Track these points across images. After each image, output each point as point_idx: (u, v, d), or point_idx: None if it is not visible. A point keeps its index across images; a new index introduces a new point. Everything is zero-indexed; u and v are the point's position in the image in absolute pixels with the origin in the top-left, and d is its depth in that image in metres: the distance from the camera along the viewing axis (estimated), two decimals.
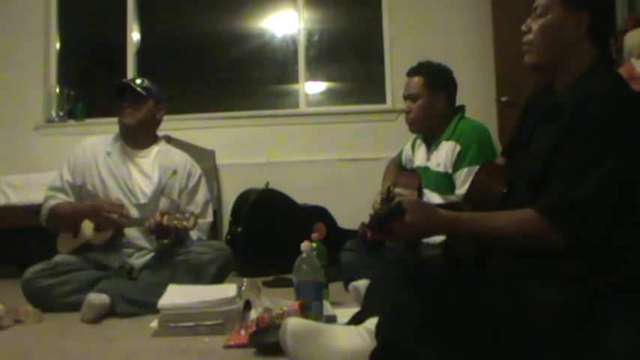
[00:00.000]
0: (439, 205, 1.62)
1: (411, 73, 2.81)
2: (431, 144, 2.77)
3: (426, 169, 2.75)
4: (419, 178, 2.79)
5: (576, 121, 1.39)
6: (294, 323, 1.55)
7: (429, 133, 2.78)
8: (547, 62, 1.53)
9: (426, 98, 2.73)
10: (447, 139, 2.65)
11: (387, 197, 2.66)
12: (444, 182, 2.63)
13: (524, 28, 1.56)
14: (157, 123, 2.91)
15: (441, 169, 2.64)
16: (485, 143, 2.60)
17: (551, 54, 1.52)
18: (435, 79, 2.75)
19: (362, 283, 2.50)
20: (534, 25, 1.54)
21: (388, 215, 1.42)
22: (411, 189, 2.79)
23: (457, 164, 2.59)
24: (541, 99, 1.61)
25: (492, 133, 2.74)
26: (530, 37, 1.55)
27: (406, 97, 2.81)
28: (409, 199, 1.46)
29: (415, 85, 2.76)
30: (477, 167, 2.45)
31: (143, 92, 2.79)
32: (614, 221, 1.36)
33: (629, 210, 1.38)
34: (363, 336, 1.51)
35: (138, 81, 2.85)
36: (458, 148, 2.59)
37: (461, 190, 2.49)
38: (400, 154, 3.06)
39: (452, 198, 2.57)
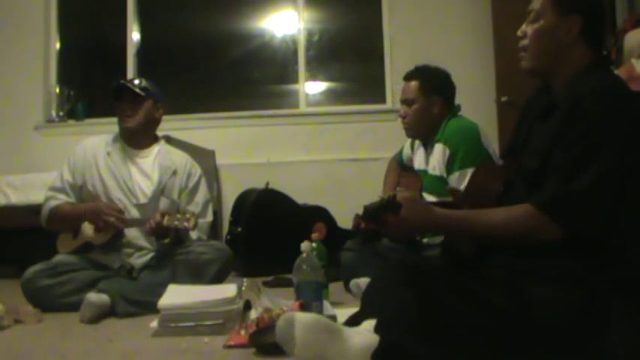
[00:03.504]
0: (435, 203, 1.62)
1: (408, 77, 2.78)
2: (427, 147, 2.76)
3: (425, 172, 2.74)
4: (421, 179, 2.79)
5: (573, 117, 1.40)
6: (304, 316, 1.42)
7: (426, 137, 2.77)
8: (542, 67, 1.55)
9: (421, 103, 2.70)
10: (438, 141, 2.64)
11: None
12: (442, 185, 2.62)
13: (519, 33, 1.57)
14: (157, 123, 2.91)
15: (437, 172, 2.64)
16: (472, 143, 2.57)
17: (545, 59, 1.53)
18: (431, 84, 2.72)
19: (363, 281, 2.51)
20: (529, 30, 1.54)
21: (382, 207, 1.43)
22: (413, 190, 2.78)
23: (449, 168, 2.57)
24: (538, 100, 1.61)
25: (492, 133, 2.74)
26: (525, 42, 1.55)
27: (402, 102, 2.79)
28: (404, 195, 1.46)
29: (411, 90, 2.74)
30: (469, 169, 2.46)
31: (141, 93, 2.78)
32: (612, 220, 1.37)
33: (627, 209, 1.38)
34: (370, 334, 1.47)
35: (136, 82, 2.85)
36: (447, 151, 2.58)
37: None
38: (400, 152, 3.05)
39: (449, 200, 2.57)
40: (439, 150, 2.62)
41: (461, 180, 2.48)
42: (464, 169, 2.50)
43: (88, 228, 2.67)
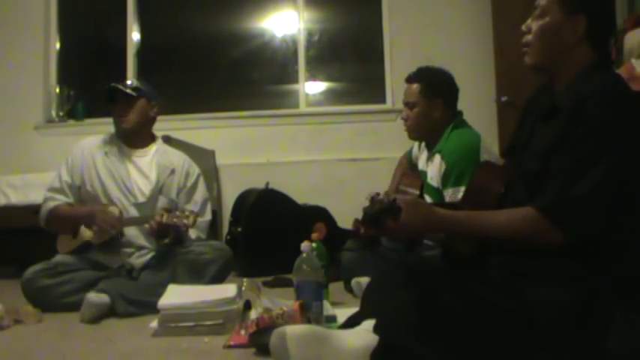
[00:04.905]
0: (437, 204, 1.62)
1: (410, 79, 2.75)
2: (430, 150, 2.74)
3: (425, 175, 2.73)
4: (422, 179, 2.78)
5: (575, 119, 1.39)
6: (295, 328, 1.41)
7: (428, 140, 2.75)
8: (545, 64, 1.54)
9: (422, 106, 2.67)
10: (439, 152, 2.60)
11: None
12: (438, 196, 2.60)
13: (524, 28, 1.56)
14: (152, 121, 2.91)
15: (434, 183, 2.61)
16: (470, 161, 2.48)
17: (549, 56, 1.52)
18: (433, 87, 2.68)
19: (364, 279, 2.51)
20: (534, 26, 1.54)
21: (381, 212, 1.41)
22: (415, 188, 2.78)
23: (444, 183, 2.54)
24: (540, 99, 1.61)
25: (492, 133, 2.73)
26: (529, 38, 1.55)
27: (404, 104, 2.76)
28: (405, 198, 1.46)
29: (412, 93, 2.70)
30: (462, 187, 2.41)
31: (133, 93, 2.80)
32: (613, 221, 1.37)
33: (628, 210, 1.38)
34: (368, 334, 1.47)
35: (127, 82, 2.87)
36: (443, 166, 2.53)
37: None
38: (411, 150, 3.03)
39: None
40: (437, 162, 2.58)
41: (454, 197, 2.44)
42: (457, 186, 2.45)
43: (86, 229, 2.67)
